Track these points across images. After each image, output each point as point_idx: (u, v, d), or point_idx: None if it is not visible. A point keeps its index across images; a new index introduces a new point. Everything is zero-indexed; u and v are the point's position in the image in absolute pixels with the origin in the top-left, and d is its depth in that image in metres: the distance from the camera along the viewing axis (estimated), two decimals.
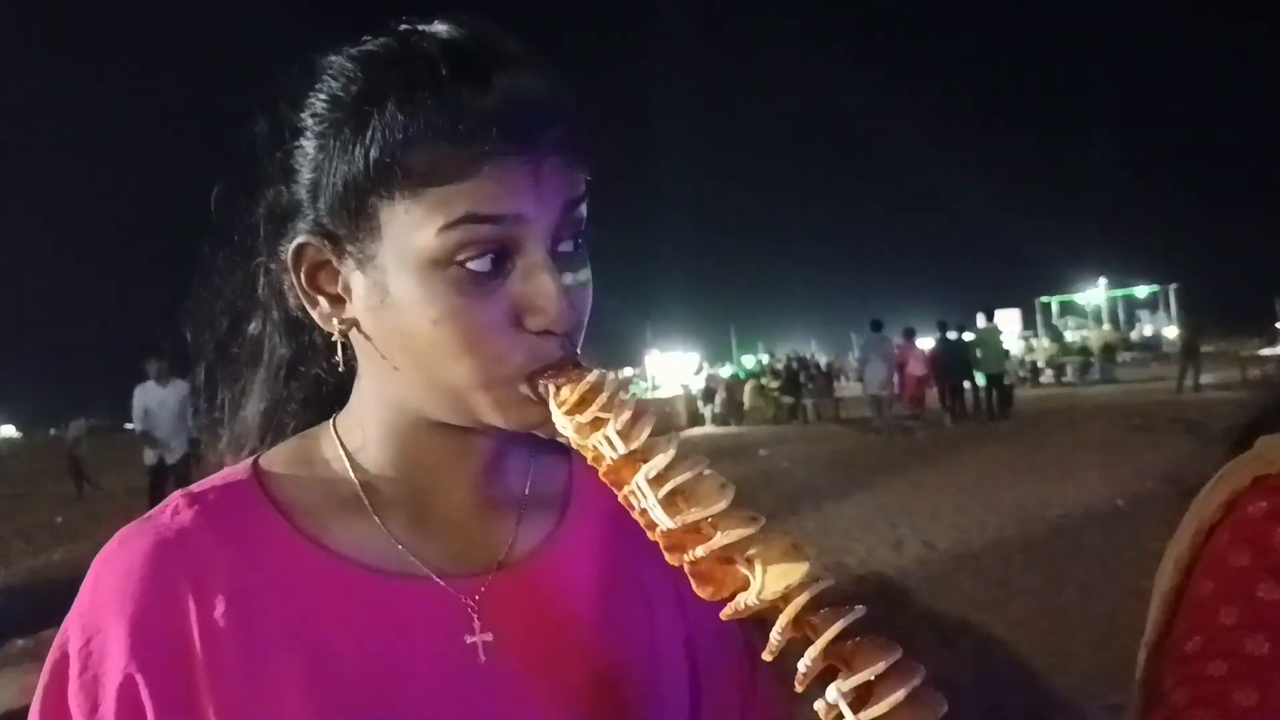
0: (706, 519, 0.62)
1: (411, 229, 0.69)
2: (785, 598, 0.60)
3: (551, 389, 0.70)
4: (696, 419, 25.52)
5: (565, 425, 0.68)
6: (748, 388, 25.13)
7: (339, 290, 0.74)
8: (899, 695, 0.57)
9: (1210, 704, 0.81)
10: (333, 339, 0.77)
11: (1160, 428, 13.08)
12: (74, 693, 0.70)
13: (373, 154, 0.68)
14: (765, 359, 31.06)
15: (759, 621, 0.62)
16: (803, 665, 0.59)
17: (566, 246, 0.73)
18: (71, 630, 0.72)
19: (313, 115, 0.72)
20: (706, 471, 0.64)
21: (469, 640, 0.75)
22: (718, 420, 24.86)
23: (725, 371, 32.11)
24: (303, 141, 0.73)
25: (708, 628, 0.86)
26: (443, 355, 0.70)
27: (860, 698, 0.58)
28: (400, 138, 0.67)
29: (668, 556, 0.63)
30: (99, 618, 0.71)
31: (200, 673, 0.69)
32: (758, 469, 13.03)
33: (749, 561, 0.61)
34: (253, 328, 0.85)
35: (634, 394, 0.68)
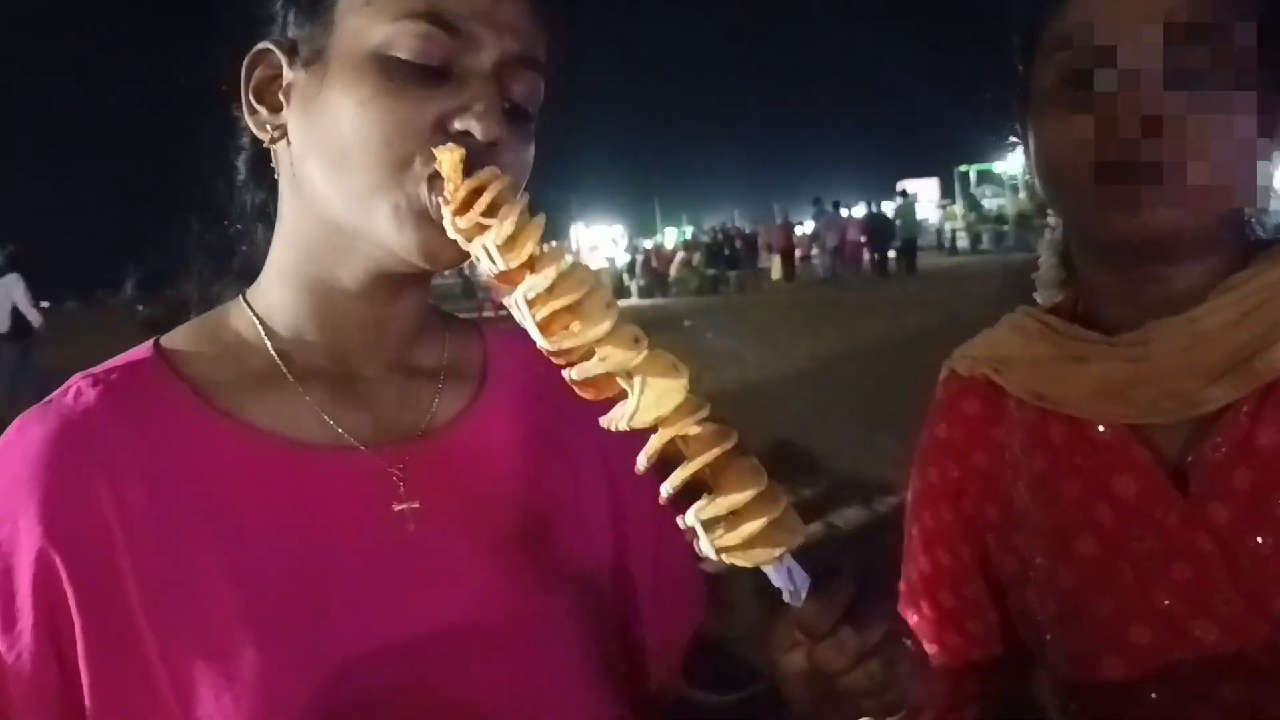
0: (585, 343, 0.61)
1: (367, 19, 0.70)
2: (660, 421, 0.62)
3: (449, 188, 0.66)
4: (622, 291, 25.55)
5: (450, 226, 0.66)
6: (675, 261, 25.14)
7: (279, 98, 0.75)
8: (758, 524, 0.61)
9: None
10: (266, 144, 0.77)
11: None
12: None
13: None
14: (689, 230, 31.02)
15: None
16: (667, 488, 0.62)
17: (516, 97, 0.74)
18: None
19: None
20: (593, 290, 0.61)
21: (397, 508, 0.74)
22: (643, 293, 24.92)
23: (649, 244, 32.02)
24: None
25: (629, 475, 0.88)
26: (358, 147, 0.70)
27: (725, 521, 0.62)
28: None
29: (552, 359, 0.64)
30: (5, 507, 0.68)
31: (121, 557, 0.67)
32: (681, 339, 13.16)
33: (629, 379, 0.62)
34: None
35: (526, 198, 0.65)
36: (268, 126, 0.75)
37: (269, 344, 0.77)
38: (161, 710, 0.66)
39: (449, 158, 0.66)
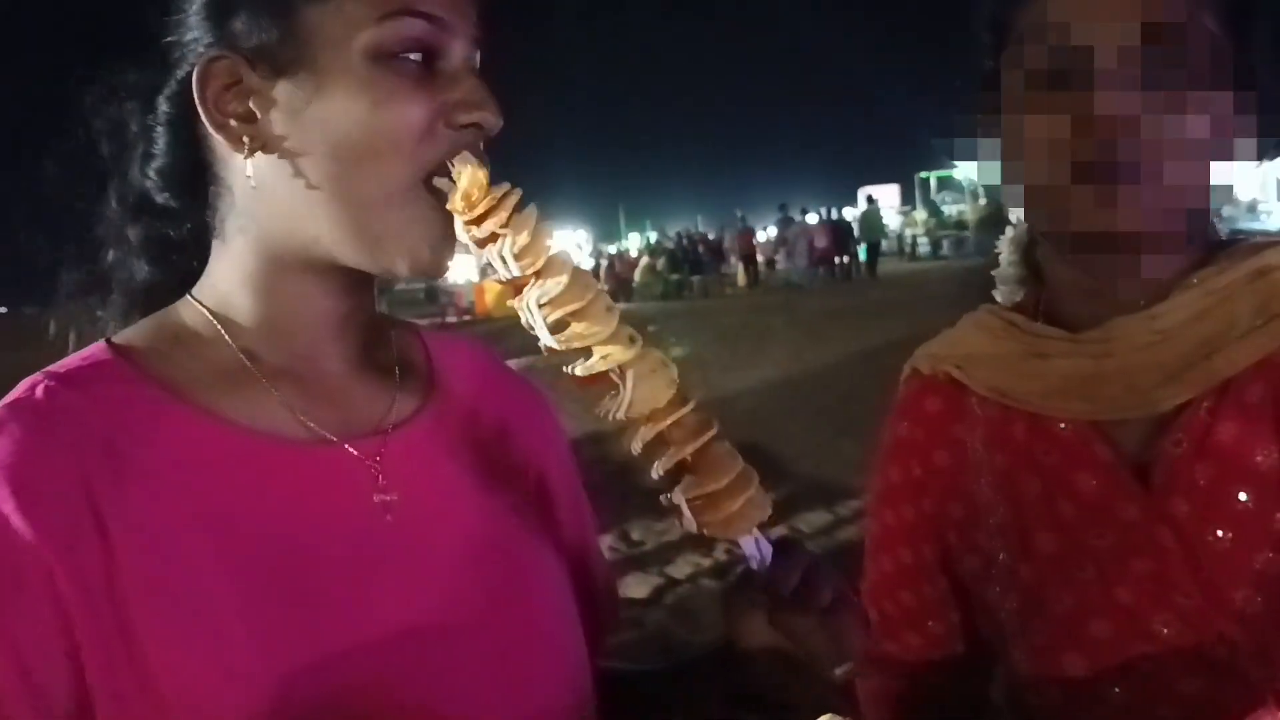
0: (590, 343, 0.67)
1: (348, 24, 0.70)
2: (650, 417, 0.69)
3: (457, 193, 0.70)
4: None
5: (463, 234, 0.70)
6: (639, 266, 25.24)
7: (250, 107, 0.73)
8: (735, 503, 0.70)
9: None
10: (245, 158, 0.73)
11: None
12: None
13: None
14: (654, 236, 31.14)
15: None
16: (656, 470, 0.70)
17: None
18: None
19: None
20: (597, 295, 0.68)
21: (376, 499, 0.76)
22: None
23: (613, 249, 32.11)
24: None
25: (562, 475, 0.95)
26: (372, 153, 0.71)
27: (706, 499, 0.70)
28: None
29: (550, 354, 0.69)
30: None
31: (116, 551, 0.65)
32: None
33: (623, 374, 0.68)
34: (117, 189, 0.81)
35: (534, 209, 0.69)
36: (245, 138, 0.72)
37: (232, 342, 0.76)
38: (158, 703, 0.65)
39: (470, 172, 0.69)
